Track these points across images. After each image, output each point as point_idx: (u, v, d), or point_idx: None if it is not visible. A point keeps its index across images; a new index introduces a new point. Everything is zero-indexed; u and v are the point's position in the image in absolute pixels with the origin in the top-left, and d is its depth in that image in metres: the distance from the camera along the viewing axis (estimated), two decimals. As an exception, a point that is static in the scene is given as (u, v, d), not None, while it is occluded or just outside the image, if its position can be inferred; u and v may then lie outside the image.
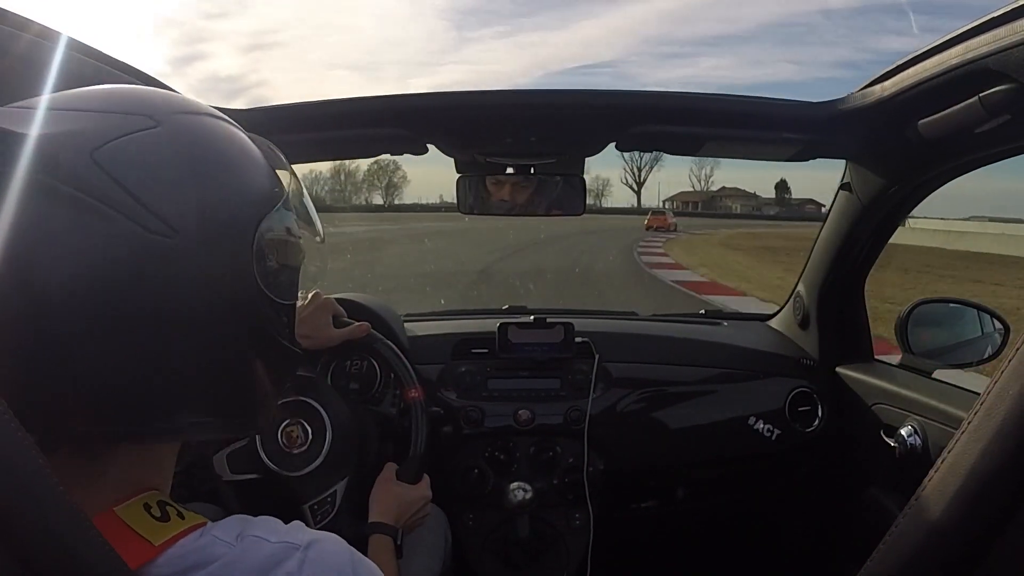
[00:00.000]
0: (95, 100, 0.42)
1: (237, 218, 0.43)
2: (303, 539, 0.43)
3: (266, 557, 0.41)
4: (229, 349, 0.43)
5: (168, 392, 0.41)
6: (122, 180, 0.38)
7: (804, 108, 0.94)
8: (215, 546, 0.40)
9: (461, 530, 1.20)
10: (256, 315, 0.44)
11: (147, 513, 0.41)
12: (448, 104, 0.96)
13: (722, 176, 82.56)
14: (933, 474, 0.37)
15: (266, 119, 0.98)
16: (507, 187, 1.20)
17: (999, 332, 1.13)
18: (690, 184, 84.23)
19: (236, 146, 0.46)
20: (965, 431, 0.36)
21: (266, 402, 0.49)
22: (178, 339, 0.40)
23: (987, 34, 0.65)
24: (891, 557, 0.40)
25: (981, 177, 1.23)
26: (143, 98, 0.43)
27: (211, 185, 0.42)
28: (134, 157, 0.39)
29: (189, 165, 0.41)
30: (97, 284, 0.37)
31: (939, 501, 0.37)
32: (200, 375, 0.42)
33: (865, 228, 1.16)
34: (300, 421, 0.93)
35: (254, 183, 0.45)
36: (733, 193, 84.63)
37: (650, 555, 1.56)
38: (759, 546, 1.61)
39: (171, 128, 0.41)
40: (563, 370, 1.29)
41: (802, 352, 1.39)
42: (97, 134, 0.38)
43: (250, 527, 0.43)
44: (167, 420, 0.41)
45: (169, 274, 0.39)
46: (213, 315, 0.41)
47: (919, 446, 1.05)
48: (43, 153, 0.37)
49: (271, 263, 0.45)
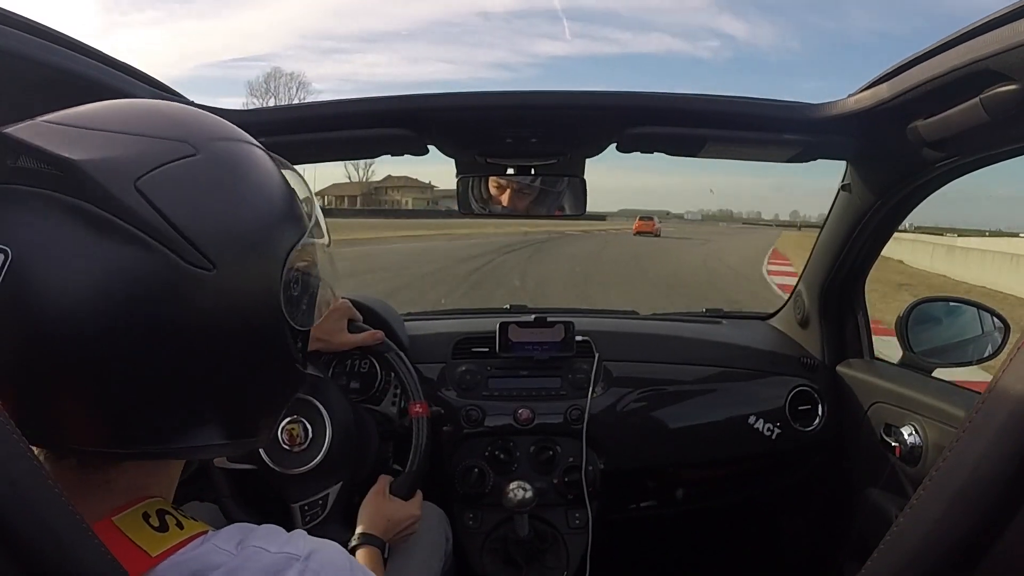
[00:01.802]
0: (132, 122, 0.41)
1: (270, 249, 0.44)
2: (303, 549, 0.43)
3: (266, 567, 0.41)
4: (249, 374, 0.44)
5: (186, 415, 0.41)
6: (164, 210, 0.38)
7: (804, 109, 0.94)
8: (215, 554, 0.40)
9: (461, 529, 1.20)
10: (278, 342, 0.45)
11: (146, 523, 0.41)
12: (449, 105, 0.96)
13: (386, 166, 66.44)
14: (933, 474, 0.37)
15: (266, 120, 0.98)
16: (507, 188, 1.20)
17: (999, 331, 1.13)
18: (345, 175, 67.46)
19: (269, 175, 0.46)
20: (966, 430, 0.36)
21: (272, 422, 0.50)
22: (201, 364, 0.40)
23: (988, 35, 0.65)
24: (891, 557, 0.40)
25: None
26: (180, 122, 0.43)
27: (247, 216, 0.43)
28: (175, 187, 0.39)
29: (227, 196, 0.42)
30: (130, 309, 0.37)
31: (939, 501, 0.37)
32: (218, 398, 0.42)
33: (865, 228, 1.16)
34: (302, 420, 0.93)
35: (285, 214, 0.46)
36: (403, 184, 68.67)
37: (650, 554, 1.56)
38: (759, 545, 1.61)
39: (209, 156, 0.42)
40: (563, 369, 1.29)
41: (802, 351, 1.39)
42: (139, 162, 0.39)
43: (251, 536, 0.43)
44: (182, 441, 0.41)
45: (202, 304, 0.39)
46: (238, 342, 0.42)
47: (919, 445, 1.05)
48: (87, 179, 0.37)
49: (295, 292, 0.46)
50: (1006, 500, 0.33)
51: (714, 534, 1.60)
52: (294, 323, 0.46)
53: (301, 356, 0.49)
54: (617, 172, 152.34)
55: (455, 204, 1.23)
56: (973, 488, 0.35)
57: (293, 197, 0.48)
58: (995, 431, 0.34)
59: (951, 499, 0.36)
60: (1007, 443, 0.33)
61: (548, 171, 1.17)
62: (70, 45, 0.70)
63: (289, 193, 0.47)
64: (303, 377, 0.51)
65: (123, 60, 0.78)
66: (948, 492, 0.36)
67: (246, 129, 0.49)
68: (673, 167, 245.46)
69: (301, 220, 0.47)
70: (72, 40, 0.71)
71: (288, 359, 0.47)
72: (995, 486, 0.34)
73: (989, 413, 0.35)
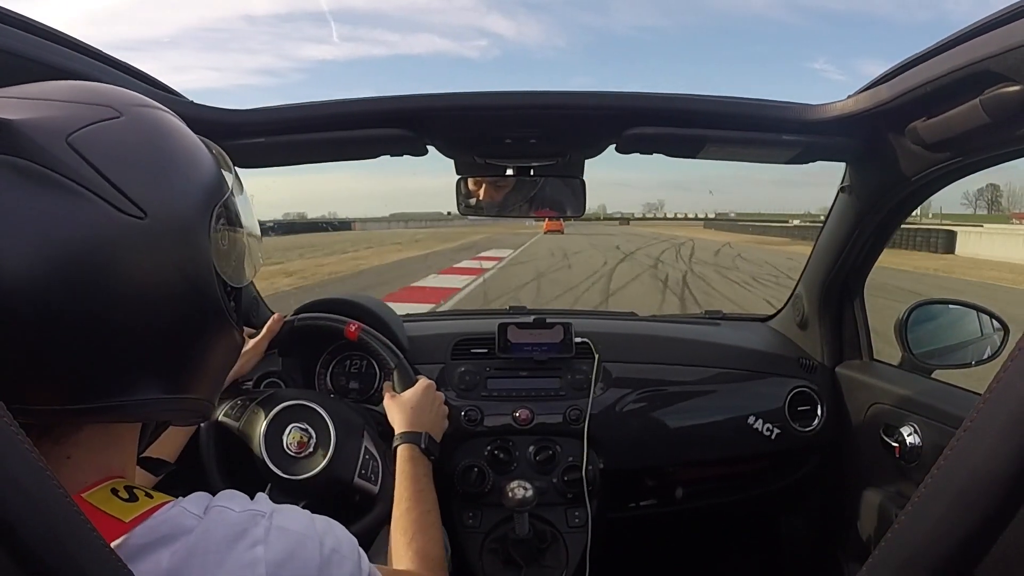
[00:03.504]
0: (59, 93, 0.44)
1: (197, 203, 0.46)
2: (267, 508, 0.46)
3: (232, 525, 0.43)
4: (189, 327, 0.46)
5: (130, 367, 0.42)
6: (94, 162, 0.40)
7: (804, 110, 0.95)
8: (184, 517, 0.42)
9: (461, 529, 1.20)
10: (213, 296, 0.47)
11: (115, 496, 0.43)
12: (448, 105, 0.96)
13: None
14: (934, 473, 0.37)
15: (266, 120, 0.98)
16: (506, 189, 1.20)
17: (998, 333, 1.13)
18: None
19: (189, 138, 0.49)
20: (967, 430, 0.36)
21: (217, 386, 0.52)
22: (142, 316, 0.42)
23: (987, 36, 0.65)
24: (891, 557, 0.40)
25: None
26: (103, 92, 0.46)
27: (173, 172, 0.45)
28: (105, 143, 0.42)
29: (153, 153, 0.45)
30: (67, 261, 0.39)
31: (939, 501, 0.37)
32: (161, 351, 0.44)
33: (864, 230, 1.16)
34: (308, 428, 0.97)
35: (208, 173, 0.49)
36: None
37: (649, 554, 1.56)
38: (758, 545, 1.61)
39: (133, 119, 0.45)
40: (562, 370, 1.29)
41: (802, 352, 1.39)
42: (68, 121, 0.41)
43: (216, 499, 0.45)
44: (128, 394, 0.43)
45: (137, 254, 0.41)
46: (175, 294, 0.44)
47: (919, 446, 1.05)
48: (21, 136, 0.38)
49: (224, 247, 0.49)
50: (1007, 500, 0.33)
51: (714, 534, 1.60)
52: (224, 276, 0.48)
53: (235, 318, 0.51)
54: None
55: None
56: (974, 488, 0.35)
57: (213, 163, 0.50)
58: (996, 431, 0.34)
59: (952, 499, 0.36)
60: (1008, 443, 0.33)
61: (547, 172, 1.17)
62: (70, 45, 0.70)
63: (209, 158, 0.50)
64: (238, 342, 0.53)
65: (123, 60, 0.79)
66: (949, 492, 0.36)
67: (246, 129, 0.50)
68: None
69: (222, 182, 0.50)
70: (72, 40, 0.71)
71: (222, 315, 0.48)
72: (996, 486, 0.34)
73: (990, 413, 0.35)
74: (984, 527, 0.34)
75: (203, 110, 0.92)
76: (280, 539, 0.44)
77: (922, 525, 0.38)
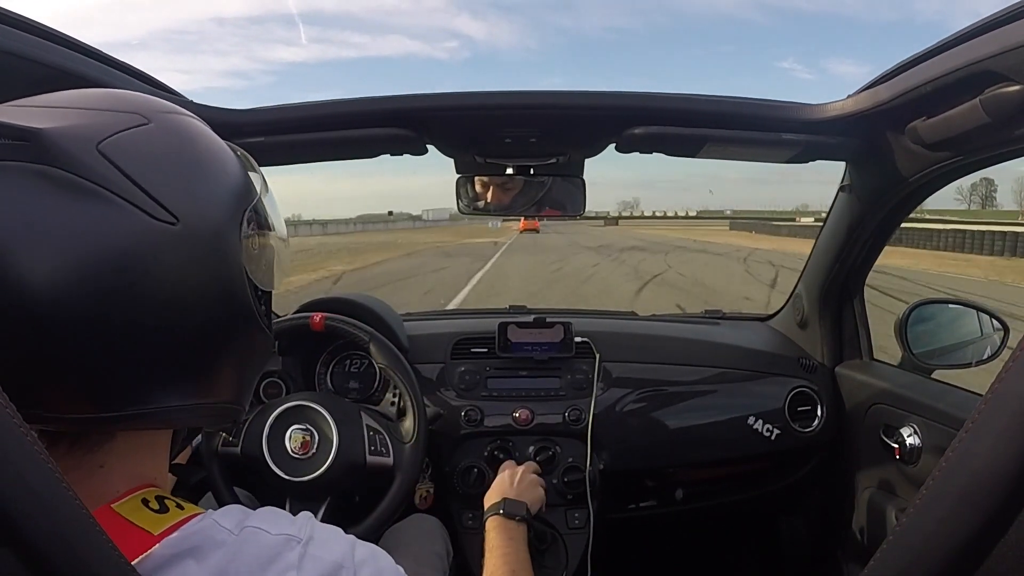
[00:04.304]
0: (86, 101, 0.44)
1: (228, 208, 0.46)
2: (304, 533, 0.44)
3: (265, 548, 0.42)
4: (221, 332, 0.45)
5: (162, 373, 0.42)
6: (125, 169, 0.40)
7: (804, 110, 0.94)
8: (215, 530, 0.41)
9: (460, 529, 1.20)
10: (244, 301, 0.47)
11: (145, 507, 0.42)
12: (448, 104, 0.96)
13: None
14: (936, 474, 0.37)
15: (266, 119, 0.98)
16: (507, 188, 1.20)
17: (998, 332, 1.13)
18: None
19: (217, 144, 0.49)
20: (968, 431, 0.36)
21: (249, 390, 0.52)
22: (175, 322, 0.42)
23: (987, 36, 0.65)
24: (892, 558, 0.40)
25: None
26: (131, 99, 0.46)
27: (203, 177, 0.45)
28: (135, 150, 0.41)
29: (183, 159, 0.45)
30: (100, 268, 0.38)
31: (940, 501, 0.37)
32: (193, 357, 0.44)
33: (864, 230, 1.16)
34: (311, 429, 0.96)
35: (237, 177, 0.49)
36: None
37: (650, 554, 1.56)
38: (758, 545, 1.61)
39: (162, 125, 0.45)
40: (563, 370, 1.29)
41: (802, 352, 1.39)
42: (98, 129, 0.41)
43: (250, 518, 0.44)
44: (160, 401, 0.42)
45: (171, 260, 0.41)
46: (208, 299, 0.44)
47: (919, 446, 1.05)
48: (52, 145, 0.38)
49: (255, 251, 0.48)
50: (1009, 500, 0.33)
51: (714, 534, 1.60)
52: (255, 280, 0.48)
53: (267, 321, 0.51)
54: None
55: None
56: (976, 488, 0.35)
57: (241, 167, 0.50)
58: (998, 431, 0.34)
59: (954, 499, 0.36)
60: (1010, 444, 0.33)
61: (547, 171, 1.17)
62: (70, 45, 0.70)
63: (238, 160, 0.50)
64: (269, 344, 0.53)
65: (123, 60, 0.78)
66: (951, 492, 0.36)
67: (247, 128, 0.50)
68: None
69: (251, 186, 0.50)
70: (72, 40, 0.71)
71: (253, 318, 0.48)
72: (998, 486, 0.34)
73: (991, 414, 0.35)
74: (986, 529, 0.34)
75: (203, 110, 0.92)
76: (313, 567, 0.42)
77: (924, 527, 0.38)
